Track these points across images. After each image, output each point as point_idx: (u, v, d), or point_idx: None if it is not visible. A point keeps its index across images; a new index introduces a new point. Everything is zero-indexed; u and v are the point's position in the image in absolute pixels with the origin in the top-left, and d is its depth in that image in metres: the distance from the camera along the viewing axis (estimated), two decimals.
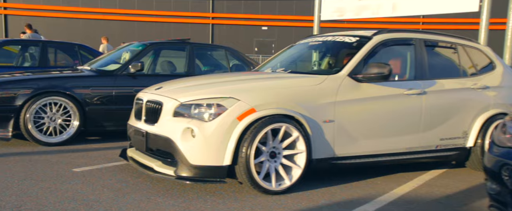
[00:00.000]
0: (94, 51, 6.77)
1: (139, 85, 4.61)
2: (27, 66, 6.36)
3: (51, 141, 4.17)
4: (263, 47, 25.94)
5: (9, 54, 6.89)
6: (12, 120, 4.01)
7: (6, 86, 4.07)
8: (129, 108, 4.54)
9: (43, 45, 6.26)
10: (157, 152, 2.98)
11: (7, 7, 24.17)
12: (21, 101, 4.03)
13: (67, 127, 4.26)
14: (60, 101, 4.21)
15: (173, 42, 5.30)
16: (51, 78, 4.36)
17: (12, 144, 4.16)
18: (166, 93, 3.00)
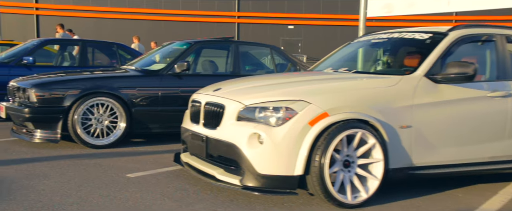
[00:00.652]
0: (132, 50, 6.68)
1: (185, 85, 4.45)
2: (66, 66, 6.33)
3: (98, 143, 4.05)
4: (289, 46, 25.59)
5: (48, 54, 6.89)
6: (61, 121, 3.91)
7: (54, 86, 3.97)
8: (175, 109, 4.39)
9: (83, 45, 6.20)
10: (219, 159, 2.77)
11: (39, 8, 24.75)
12: (69, 102, 3.92)
13: (113, 128, 4.13)
14: (107, 103, 4.08)
15: (217, 41, 5.11)
16: (98, 78, 4.24)
17: (60, 146, 4.06)
18: (228, 95, 2.79)
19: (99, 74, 4.41)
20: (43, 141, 3.94)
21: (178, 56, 4.58)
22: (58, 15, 24.08)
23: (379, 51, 3.59)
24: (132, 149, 4.13)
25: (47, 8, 24.69)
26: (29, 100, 3.92)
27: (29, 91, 3.91)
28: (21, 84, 4.07)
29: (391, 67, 3.37)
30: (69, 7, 24.19)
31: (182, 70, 4.37)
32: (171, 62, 4.51)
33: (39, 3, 24.68)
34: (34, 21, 25.06)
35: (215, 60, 5.28)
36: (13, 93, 4.16)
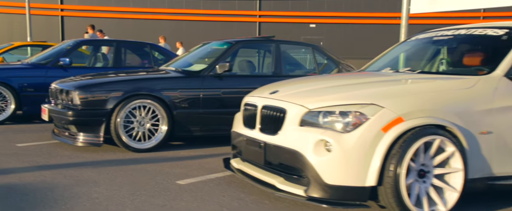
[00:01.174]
0: (165, 51, 6.58)
1: (226, 87, 4.29)
2: (99, 67, 6.27)
3: (140, 147, 3.93)
4: None
5: (80, 55, 6.87)
6: (104, 124, 3.81)
7: (97, 88, 3.87)
8: (216, 111, 4.25)
9: (117, 45, 6.14)
10: (278, 167, 2.59)
11: (64, 9, 25.15)
12: (112, 105, 3.82)
13: (155, 132, 4.01)
14: (149, 105, 3.96)
15: (259, 40, 4.93)
16: (140, 80, 4.12)
17: (101, 150, 3.96)
18: (289, 98, 2.60)
19: (141, 76, 4.30)
20: (86, 145, 3.85)
21: (219, 56, 4.42)
22: (82, 16, 24.46)
23: (443, 50, 3.34)
24: (173, 152, 4.00)
25: (72, 9, 25.07)
26: (72, 103, 3.83)
27: (72, 93, 3.82)
28: (63, 86, 4.00)
29: (458, 67, 3.12)
30: (93, 8, 24.50)
31: (224, 71, 4.21)
32: (212, 62, 4.36)
33: (64, 4, 25.06)
34: (59, 22, 25.46)
35: (253, 61, 5.12)
36: (55, 95, 4.09)
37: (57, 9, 25.04)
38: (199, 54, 5.08)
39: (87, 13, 24.42)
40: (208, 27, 24.94)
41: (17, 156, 3.62)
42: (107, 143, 4.07)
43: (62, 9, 25.18)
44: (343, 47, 24.28)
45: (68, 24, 25.14)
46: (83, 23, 24.43)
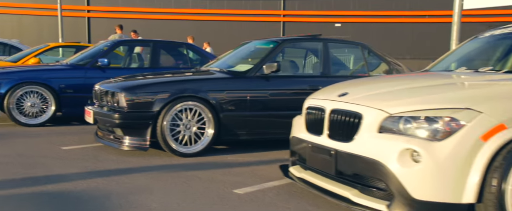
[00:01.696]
0: (201, 51, 6.43)
1: (273, 88, 4.08)
2: (136, 68, 6.17)
3: (187, 151, 3.76)
4: None
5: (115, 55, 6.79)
6: (150, 127, 3.66)
7: (143, 90, 3.72)
8: (263, 114, 4.03)
9: (154, 46, 6.02)
10: (353, 177, 2.35)
11: (90, 10, 25.55)
12: (158, 107, 3.66)
13: (201, 135, 3.83)
14: (195, 107, 3.78)
15: (306, 39, 4.68)
16: (186, 81, 3.95)
17: (147, 154, 3.81)
18: (364, 101, 2.36)
19: (186, 77, 4.13)
20: (131, 149, 3.71)
21: (265, 56, 4.20)
22: (108, 16, 24.81)
23: None
24: (220, 158, 3.81)
25: (98, 10, 25.44)
26: (118, 105, 3.69)
27: (118, 95, 3.68)
28: (108, 87, 3.87)
29: None
30: (119, 9, 24.80)
31: (272, 72, 3.99)
32: (258, 63, 4.14)
33: (90, 6, 25.45)
34: (86, 23, 25.87)
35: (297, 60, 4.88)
36: (100, 97, 3.97)
37: (84, 10, 25.48)
38: (241, 54, 4.88)
39: (113, 14, 24.77)
40: (231, 27, 24.86)
41: (65, 160, 3.51)
42: (151, 147, 3.93)
43: (88, 10, 25.62)
44: None
45: (94, 25, 25.56)
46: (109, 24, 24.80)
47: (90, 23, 25.71)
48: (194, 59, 6.31)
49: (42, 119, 5.17)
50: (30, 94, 5.11)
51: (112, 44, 5.88)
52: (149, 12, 24.75)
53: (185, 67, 6.11)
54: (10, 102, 4.99)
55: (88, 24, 25.70)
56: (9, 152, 3.70)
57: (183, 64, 6.23)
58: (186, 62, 6.23)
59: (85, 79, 5.42)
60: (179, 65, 6.28)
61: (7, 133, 4.64)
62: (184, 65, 6.22)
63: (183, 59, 6.26)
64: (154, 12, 24.77)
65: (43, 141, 4.27)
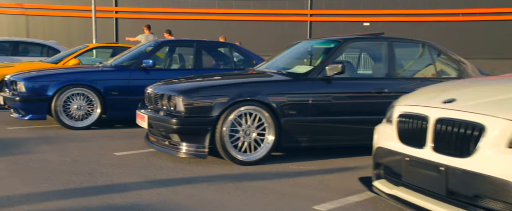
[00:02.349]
0: (245, 51, 6.20)
1: (336, 91, 3.79)
2: (181, 69, 5.99)
3: (247, 159, 3.53)
4: None
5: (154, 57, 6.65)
6: (209, 133, 3.44)
7: (201, 93, 3.50)
8: (325, 119, 3.75)
9: (197, 46, 5.83)
10: (469, 199, 2.03)
11: (118, 11, 25.85)
12: (218, 112, 3.43)
13: (261, 142, 3.58)
14: (255, 112, 3.54)
15: (370, 37, 4.36)
16: (246, 83, 3.72)
17: (204, 161, 3.60)
18: (484, 109, 2.03)
19: (245, 79, 3.89)
20: (189, 156, 3.50)
21: (327, 56, 3.92)
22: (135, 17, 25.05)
23: None
24: (281, 166, 3.55)
25: (126, 11, 25.71)
26: (175, 110, 3.49)
27: (176, 99, 3.48)
28: (164, 91, 3.67)
29: None
30: (146, 10, 25.00)
31: (335, 74, 3.71)
32: (320, 64, 3.86)
33: (118, 7, 25.74)
34: (113, 24, 26.18)
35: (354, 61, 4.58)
36: (154, 101, 3.77)
37: (112, 11, 25.81)
38: (296, 55, 4.62)
39: (140, 15, 24.99)
40: (258, 27, 24.65)
41: (121, 167, 3.33)
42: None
43: (116, 11, 25.94)
44: None
45: (122, 26, 25.86)
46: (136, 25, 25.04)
47: (118, 24, 26.04)
48: (237, 60, 6.10)
49: (88, 122, 5.05)
50: (76, 96, 5.00)
51: (156, 44, 5.72)
52: (175, 13, 24.83)
53: (229, 68, 5.90)
54: (58, 104, 4.89)
55: (115, 25, 26.04)
56: (64, 158, 3.56)
57: (228, 66, 6.01)
58: (229, 63, 6.02)
59: (129, 81, 5.28)
60: (220, 66, 6.08)
61: (57, 136, 4.53)
62: (226, 66, 6.02)
63: (227, 60, 6.05)
64: (180, 12, 24.84)
65: (94, 145, 4.12)
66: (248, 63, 6.03)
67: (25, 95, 4.86)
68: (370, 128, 2.86)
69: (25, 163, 3.33)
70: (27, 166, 3.26)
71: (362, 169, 3.47)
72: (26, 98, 4.85)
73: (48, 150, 3.85)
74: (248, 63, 6.06)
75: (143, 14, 24.92)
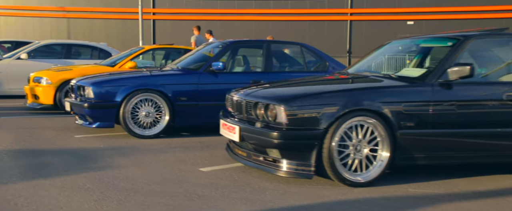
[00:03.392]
0: (317, 52, 5.66)
1: (462, 99, 3.17)
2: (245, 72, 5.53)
3: (359, 180, 2.99)
4: None
5: None
6: (316, 149, 2.93)
7: (306, 102, 2.99)
8: (449, 133, 3.16)
9: (267, 46, 5.35)
10: None
11: (155, 12, 25.97)
12: (326, 124, 2.92)
13: (373, 159, 3.04)
14: (368, 124, 3.00)
15: (495, 34, 3.67)
16: (356, 90, 3.18)
17: (309, 182, 3.09)
18: None
19: (354, 85, 3.36)
20: (291, 176, 3.00)
21: (447, 57, 3.30)
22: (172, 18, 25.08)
23: None
24: (399, 188, 3.00)
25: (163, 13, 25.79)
26: (275, 121, 2.99)
27: (276, 108, 2.98)
28: (258, 98, 3.17)
29: None
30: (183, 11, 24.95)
31: (461, 77, 3.10)
32: (439, 66, 3.25)
33: (155, 8, 25.84)
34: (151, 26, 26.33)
35: None
36: (246, 109, 3.29)
37: (149, 13, 25.96)
38: (392, 55, 4.04)
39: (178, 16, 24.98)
40: (296, 27, 24.04)
41: (216, 188, 2.88)
42: None
43: (154, 12, 26.06)
44: None
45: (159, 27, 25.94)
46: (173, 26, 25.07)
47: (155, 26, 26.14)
48: (309, 61, 5.57)
49: (157, 130, 4.67)
50: (145, 102, 4.63)
51: (224, 46, 5.28)
52: (212, 14, 24.64)
53: (302, 71, 5.38)
54: (126, 111, 4.53)
55: (153, 26, 26.16)
56: (149, 175, 3.15)
57: (297, 67, 5.51)
58: (301, 64, 5.51)
59: (198, 85, 4.86)
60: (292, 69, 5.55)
61: (128, 147, 4.16)
62: (297, 68, 5.49)
63: (298, 62, 5.54)
64: (217, 13, 24.61)
65: (172, 158, 3.71)
66: (320, 65, 5.50)
67: (93, 101, 4.54)
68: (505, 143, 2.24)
69: (110, 181, 2.94)
70: (114, 185, 2.87)
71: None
72: (95, 105, 4.51)
73: (127, 164, 3.47)
74: (320, 64, 5.52)
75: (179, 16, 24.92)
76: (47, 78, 6.29)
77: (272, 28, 23.93)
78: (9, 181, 2.89)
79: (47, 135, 4.67)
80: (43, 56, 8.38)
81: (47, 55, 8.48)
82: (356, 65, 4.14)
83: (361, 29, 23.87)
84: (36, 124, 5.35)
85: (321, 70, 5.43)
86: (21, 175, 3.03)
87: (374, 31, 23.59)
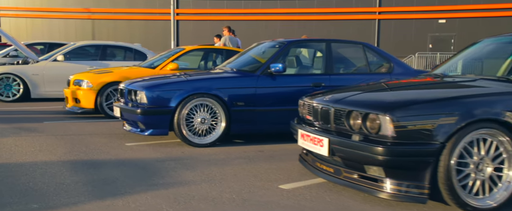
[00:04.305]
0: (381, 52, 5.16)
1: None
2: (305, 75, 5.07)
3: (482, 206, 2.49)
4: (440, 43, 22.23)
5: None
6: (430, 168, 2.45)
7: (417, 111, 2.51)
8: None
9: (328, 46, 4.88)
10: None
11: (179, 13, 25.77)
12: (443, 137, 2.42)
13: (498, 180, 2.53)
14: (491, 137, 2.50)
15: None
16: (475, 96, 2.67)
17: (413, 208, 2.61)
18: None
19: (469, 91, 2.83)
20: (398, 199, 2.52)
21: None
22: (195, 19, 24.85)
23: None
24: None
25: (186, 13, 25.60)
26: (378, 133, 2.52)
27: (380, 118, 2.50)
28: (352, 105, 2.69)
29: None
30: (206, 11, 24.68)
31: None
32: None
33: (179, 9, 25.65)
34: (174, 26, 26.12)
35: None
36: (334, 118, 2.82)
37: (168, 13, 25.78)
38: (489, 55, 3.52)
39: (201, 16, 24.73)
40: (321, 26, 23.47)
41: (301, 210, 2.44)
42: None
43: (177, 13, 25.89)
44: None
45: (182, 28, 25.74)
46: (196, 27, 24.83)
47: (179, 26, 25.95)
48: (371, 62, 5.07)
49: (213, 138, 4.25)
50: (200, 108, 4.23)
51: (282, 45, 4.82)
52: (236, 14, 24.29)
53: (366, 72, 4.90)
54: (181, 117, 4.14)
55: (176, 27, 25.97)
56: (227, 193, 2.73)
57: (360, 68, 5.02)
58: (364, 65, 5.01)
59: (256, 89, 4.43)
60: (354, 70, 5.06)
61: (188, 158, 3.76)
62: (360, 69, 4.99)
63: (360, 62, 5.05)
64: (241, 13, 24.26)
65: (243, 173, 3.28)
66: (385, 66, 5.00)
67: (146, 107, 4.15)
68: None
69: (187, 202, 2.53)
70: (193, 206, 2.46)
71: None
72: (149, 110, 4.12)
73: (195, 179, 3.06)
74: (384, 65, 5.02)
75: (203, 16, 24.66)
76: (88, 81, 5.98)
77: (297, 27, 23.42)
78: (79, 200, 2.52)
79: (97, 142, 4.32)
80: (79, 58, 8.14)
81: (82, 56, 8.23)
82: (445, 66, 3.63)
83: (390, 28, 23.12)
84: (80, 130, 5.03)
85: (386, 72, 4.93)
86: (89, 194, 2.66)
87: (403, 31, 22.82)
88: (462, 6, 21.71)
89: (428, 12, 22.36)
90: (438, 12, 22.22)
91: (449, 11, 22.07)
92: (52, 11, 26.15)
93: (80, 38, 23.82)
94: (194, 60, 7.55)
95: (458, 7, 21.82)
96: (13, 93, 7.73)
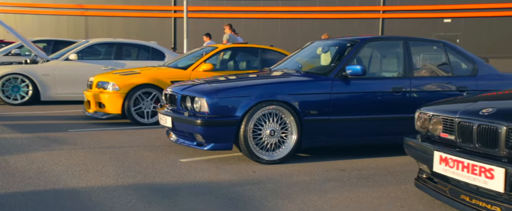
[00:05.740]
0: (463, 51, 4.54)
1: None
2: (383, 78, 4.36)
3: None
4: None
5: None
6: None
7: None
8: None
9: (405, 44, 4.23)
10: None
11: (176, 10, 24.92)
12: None
13: None
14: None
15: None
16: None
17: None
18: None
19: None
20: None
21: None
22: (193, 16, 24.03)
23: None
24: None
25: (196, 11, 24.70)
26: None
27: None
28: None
29: None
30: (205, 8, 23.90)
31: None
32: None
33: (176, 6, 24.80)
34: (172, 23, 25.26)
35: None
36: (507, 140, 2.17)
37: (170, 10, 24.93)
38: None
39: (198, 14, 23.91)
40: (324, 25, 22.87)
41: None
42: None
43: (175, 10, 25.01)
44: (484, 45, 20.84)
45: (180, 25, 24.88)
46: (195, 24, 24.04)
47: (176, 24, 25.09)
48: (453, 62, 4.43)
49: (283, 153, 3.55)
50: (269, 117, 3.53)
51: (354, 44, 4.13)
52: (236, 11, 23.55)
53: (448, 75, 4.27)
54: (248, 129, 3.42)
55: (174, 24, 25.10)
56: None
57: (442, 71, 4.36)
58: (446, 67, 4.36)
59: (330, 95, 3.76)
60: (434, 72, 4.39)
61: (269, 181, 3.05)
62: (442, 72, 4.32)
63: (441, 63, 4.42)
64: (241, 10, 23.54)
65: (353, 203, 2.61)
66: (468, 68, 4.37)
67: (207, 117, 3.44)
68: None
69: None
70: None
71: None
72: (211, 121, 3.40)
73: None
74: (467, 67, 4.39)
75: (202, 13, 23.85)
76: (114, 83, 5.23)
77: (299, 26, 22.84)
78: None
79: (145, 158, 3.59)
80: (93, 57, 7.34)
81: (96, 55, 7.44)
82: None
83: (394, 27, 22.68)
84: (115, 141, 4.29)
85: (470, 75, 4.31)
86: None
87: (408, 30, 22.40)
88: (468, 6, 21.43)
89: (433, 11, 22.02)
90: (443, 11, 21.91)
91: (454, 10, 21.78)
92: (43, 7, 25.00)
93: (72, 36, 22.72)
94: (220, 60, 6.83)
95: (463, 6, 21.53)
96: (21, 96, 6.88)
